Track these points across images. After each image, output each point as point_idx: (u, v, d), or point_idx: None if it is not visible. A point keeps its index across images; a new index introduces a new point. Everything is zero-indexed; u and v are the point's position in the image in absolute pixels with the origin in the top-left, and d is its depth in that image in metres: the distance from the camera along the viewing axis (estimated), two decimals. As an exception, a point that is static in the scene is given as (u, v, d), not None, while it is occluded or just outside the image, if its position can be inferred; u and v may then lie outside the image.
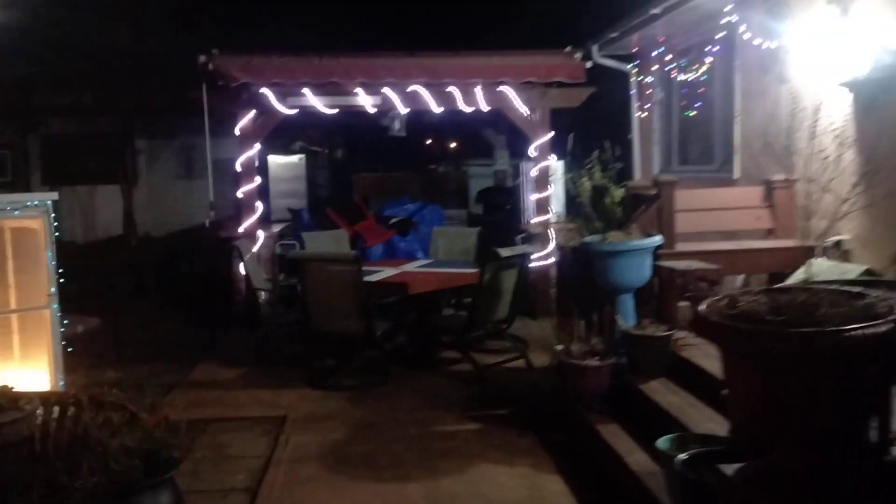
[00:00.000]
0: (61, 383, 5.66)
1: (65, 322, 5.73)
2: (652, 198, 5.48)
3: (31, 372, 5.66)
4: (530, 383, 6.03)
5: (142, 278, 10.40)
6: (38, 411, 2.77)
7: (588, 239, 5.09)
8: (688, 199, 5.60)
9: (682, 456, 2.97)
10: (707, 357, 4.33)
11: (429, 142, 14.61)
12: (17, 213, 5.40)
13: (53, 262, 5.62)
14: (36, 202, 5.48)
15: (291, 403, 5.76)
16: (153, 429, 2.87)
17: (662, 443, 3.33)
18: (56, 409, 2.81)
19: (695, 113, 7.85)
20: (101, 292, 9.57)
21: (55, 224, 5.65)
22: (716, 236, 6.19)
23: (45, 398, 2.80)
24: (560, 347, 5.07)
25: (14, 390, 2.75)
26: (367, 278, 6.27)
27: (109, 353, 7.19)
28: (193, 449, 4.89)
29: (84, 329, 6.94)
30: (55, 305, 5.65)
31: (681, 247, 5.39)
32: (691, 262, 4.98)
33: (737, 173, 6.96)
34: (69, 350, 5.75)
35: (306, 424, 5.34)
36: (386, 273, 6.90)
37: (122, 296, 9.81)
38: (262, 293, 7.12)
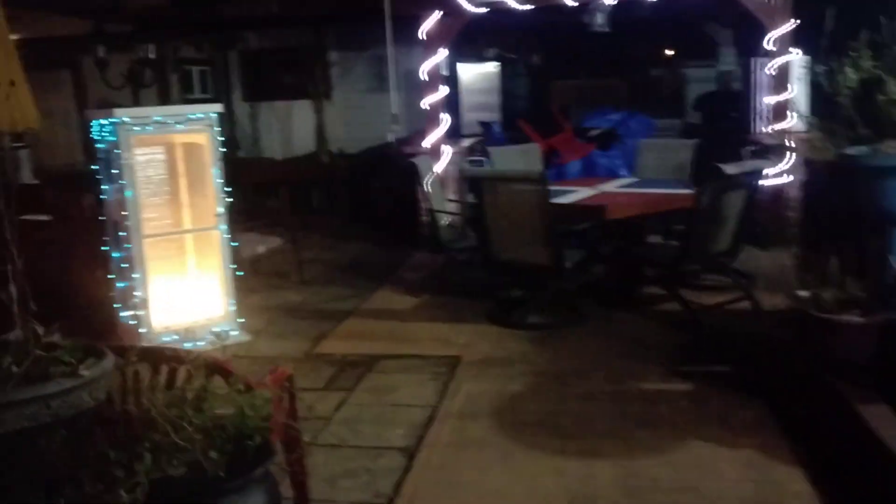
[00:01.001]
0: (232, 308, 5.44)
1: (234, 244, 5.46)
2: (949, 93, 3.98)
3: (205, 294, 5.48)
4: (758, 333, 4.86)
5: (334, 196, 10.21)
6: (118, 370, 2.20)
7: (852, 150, 3.78)
8: None
9: None
10: None
11: (638, 41, 12.86)
12: (180, 126, 5.10)
13: (220, 181, 5.30)
14: (200, 115, 5.17)
15: (468, 341, 5.11)
16: (255, 398, 2.19)
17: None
18: (140, 370, 2.24)
19: None
20: (296, 210, 9.50)
21: (223, 139, 5.33)
22: None
23: (120, 352, 2.22)
24: (805, 293, 3.87)
25: (89, 345, 2.18)
26: (556, 200, 5.35)
27: (292, 275, 6.99)
28: (357, 390, 4.43)
29: (266, 250, 6.75)
30: (223, 226, 5.37)
31: None
32: None
33: None
34: (239, 273, 5.49)
35: (481, 369, 4.64)
36: (580, 194, 5.91)
37: (313, 214, 9.66)
38: (444, 216, 6.44)
